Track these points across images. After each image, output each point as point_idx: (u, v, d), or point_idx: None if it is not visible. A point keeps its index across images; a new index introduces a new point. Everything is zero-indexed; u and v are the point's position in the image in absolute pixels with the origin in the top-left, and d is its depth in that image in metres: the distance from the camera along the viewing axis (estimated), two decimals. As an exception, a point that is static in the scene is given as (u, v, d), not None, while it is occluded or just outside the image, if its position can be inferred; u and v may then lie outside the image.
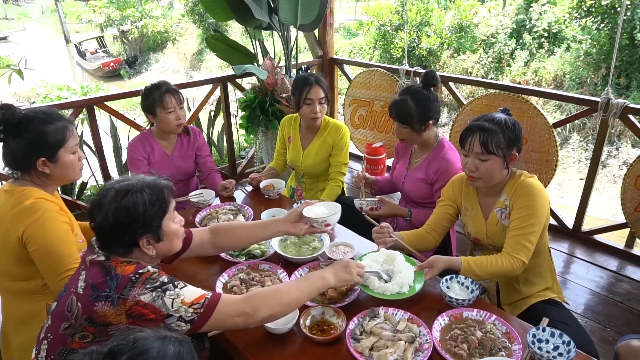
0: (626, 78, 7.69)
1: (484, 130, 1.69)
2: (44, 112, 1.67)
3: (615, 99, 2.67)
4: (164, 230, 1.33)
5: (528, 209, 1.69)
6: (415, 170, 2.33)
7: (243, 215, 2.22)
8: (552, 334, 1.40)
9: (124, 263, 1.27)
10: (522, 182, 1.75)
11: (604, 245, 2.94)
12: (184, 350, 0.98)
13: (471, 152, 1.73)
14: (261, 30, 3.74)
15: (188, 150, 2.64)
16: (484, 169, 1.72)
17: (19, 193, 1.62)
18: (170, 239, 1.37)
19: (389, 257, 1.73)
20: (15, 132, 1.61)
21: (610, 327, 2.29)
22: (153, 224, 1.30)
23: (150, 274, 1.24)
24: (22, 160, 1.64)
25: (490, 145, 1.68)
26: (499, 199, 1.82)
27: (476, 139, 1.70)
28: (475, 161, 1.73)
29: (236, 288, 1.67)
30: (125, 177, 1.35)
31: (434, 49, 9.98)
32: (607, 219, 6.04)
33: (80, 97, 8.82)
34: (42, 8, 31.51)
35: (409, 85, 2.82)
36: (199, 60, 16.06)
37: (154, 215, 1.30)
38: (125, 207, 1.25)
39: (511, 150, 1.72)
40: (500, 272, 1.69)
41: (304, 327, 1.46)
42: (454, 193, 1.96)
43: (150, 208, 1.28)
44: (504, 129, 1.69)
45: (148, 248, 1.31)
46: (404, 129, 2.21)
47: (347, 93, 4.17)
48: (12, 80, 4.08)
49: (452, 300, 1.57)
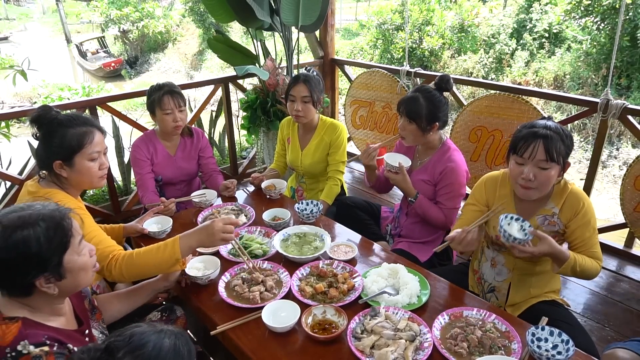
0: (627, 78, 7.70)
1: (547, 137, 1.62)
2: (68, 116, 1.70)
3: (614, 100, 2.68)
4: (66, 267, 1.16)
5: (590, 223, 1.73)
6: (419, 171, 2.33)
7: (245, 215, 2.24)
8: (551, 332, 1.42)
9: (6, 321, 1.10)
10: (573, 192, 1.74)
11: (603, 245, 2.91)
12: (180, 343, 0.99)
13: (531, 159, 1.65)
14: (262, 31, 3.75)
15: (191, 152, 2.66)
16: (543, 178, 1.65)
17: (42, 196, 1.66)
18: (75, 275, 1.19)
19: (393, 270, 1.74)
20: (43, 133, 1.67)
21: (609, 327, 2.30)
22: (51, 263, 1.12)
23: (28, 359, 1.05)
24: (44, 160, 1.69)
25: (554, 152, 1.62)
26: (544, 207, 1.78)
27: (540, 146, 1.62)
28: (534, 169, 1.65)
29: (238, 287, 1.68)
30: (17, 206, 1.17)
31: (435, 50, 9.99)
32: (608, 219, 6.05)
33: (82, 97, 8.85)
34: (43, 8, 31.55)
35: (421, 84, 2.82)
36: (200, 61, 16.09)
37: (51, 254, 1.12)
38: (14, 246, 1.07)
39: (567, 159, 1.68)
40: (590, 274, 1.71)
41: (306, 326, 1.47)
42: (487, 194, 1.93)
43: (46, 245, 1.10)
44: (563, 137, 1.65)
45: (48, 287, 1.14)
46: (410, 125, 2.19)
47: (347, 94, 4.18)
48: (15, 81, 4.10)
49: (505, 234, 1.59)
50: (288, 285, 1.70)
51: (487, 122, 3.19)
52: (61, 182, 1.71)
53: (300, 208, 2.20)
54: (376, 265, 1.82)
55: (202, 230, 1.57)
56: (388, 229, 2.53)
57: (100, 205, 3.40)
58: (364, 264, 1.89)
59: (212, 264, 1.80)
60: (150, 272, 1.66)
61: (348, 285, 1.68)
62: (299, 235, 2.05)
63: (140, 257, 1.61)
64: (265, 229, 2.11)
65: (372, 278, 1.71)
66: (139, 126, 3.38)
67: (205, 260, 1.83)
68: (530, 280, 1.85)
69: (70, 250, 1.17)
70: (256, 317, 1.54)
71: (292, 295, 1.66)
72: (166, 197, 2.43)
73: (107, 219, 3.29)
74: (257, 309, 1.57)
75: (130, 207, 3.46)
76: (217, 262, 1.79)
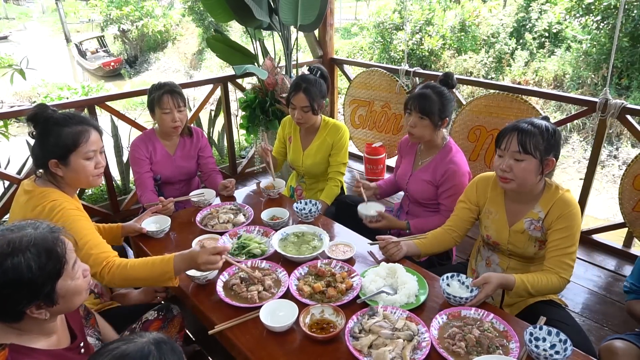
0: (627, 78, 7.69)
1: (522, 130, 1.65)
2: (64, 115, 1.70)
3: (613, 100, 2.68)
4: (59, 293, 1.11)
5: (570, 229, 1.68)
6: (421, 171, 2.32)
7: (243, 215, 2.24)
8: (549, 332, 1.42)
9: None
10: (562, 199, 1.71)
11: (602, 245, 2.95)
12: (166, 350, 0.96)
13: (507, 151, 1.68)
14: (261, 30, 3.75)
15: (190, 151, 2.65)
16: (519, 170, 1.67)
17: (38, 195, 1.65)
18: (68, 299, 1.14)
19: (391, 270, 1.74)
20: (39, 131, 1.67)
21: (607, 326, 2.30)
22: (43, 291, 1.07)
23: None
24: (40, 159, 1.69)
25: (528, 144, 1.63)
26: (531, 210, 1.78)
27: (514, 138, 1.65)
28: (510, 161, 1.68)
29: (236, 287, 1.68)
30: (10, 226, 1.10)
31: (435, 49, 9.99)
32: (607, 219, 6.05)
33: (82, 97, 8.84)
34: (42, 7, 31.54)
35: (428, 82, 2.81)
36: (200, 60, 16.09)
37: (44, 281, 1.06)
38: (3, 274, 1.02)
39: (548, 156, 1.67)
40: (549, 291, 1.70)
41: (304, 325, 1.47)
42: (478, 194, 1.93)
43: (38, 273, 1.05)
44: (543, 132, 1.65)
45: (39, 313, 1.09)
46: (423, 121, 2.15)
47: (347, 93, 4.18)
48: (14, 79, 4.10)
49: (450, 297, 1.59)
50: (286, 284, 1.69)
51: (486, 121, 3.19)
52: (57, 181, 1.71)
53: (299, 207, 2.20)
54: (374, 265, 1.82)
55: (191, 257, 1.57)
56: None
57: (99, 205, 3.40)
58: (363, 263, 1.89)
59: None
60: (142, 284, 1.73)
61: (346, 284, 1.68)
62: (298, 235, 2.04)
63: (134, 269, 1.61)
64: (263, 228, 2.11)
65: (370, 277, 1.71)
66: (137, 125, 3.38)
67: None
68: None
69: (64, 276, 1.11)
70: (254, 317, 1.54)
71: (290, 294, 1.65)
72: (165, 197, 2.43)
73: (105, 219, 3.29)
74: (255, 308, 1.57)
75: (129, 207, 3.46)
76: None
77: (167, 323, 1.73)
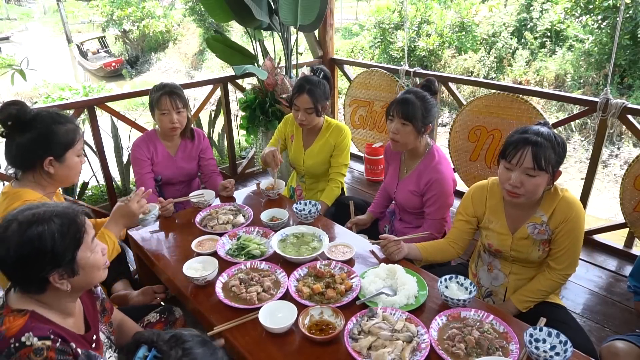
0: (630, 78, 7.66)
1: (536, 144, 1.58)
2: (57, 113, 1.72)
3: (614, 99, 2.67)
4: (79, 263, 1.19)
5: (577, 230, 1.70)
6: (405, 181, 2.30)
7: (243, 215, 2.23)
8: (549, 333, 1.41)
9: (14, 313, 1.13)
10: (564, 200, 1.70)
11: (603, 245, 2.94)
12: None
13: (519, 166, 1.61)
14: (261, 30, 3.75)
15: (192, 152, 2.65)
16: (531, 186, 1.62)
17: (12, 195, 1.66)
18: (88, 271, 1.22)
19: (390, 271, 1.74)
20: (27, 129, 1.65)
21: (608, 327, 2.29)
22: (64, 258, 1.15)
23: (30, 350, 1.06)
24: (29, 157, 1.68)
25: (542, 161, 1.58)
26: (533, 214, 1.75)
27: (528, 153, 1.59)
28: (522, 176, 1.62)
29: (235, 288, 1.68)
30: (32, 204, 1.19)
31: (435, 49, 9.97)
32: (609, 219, 6.04)
33: (82, 97, 8.86)
34: (44, 8, 31.57)
35: (410, 87, 2.81)
36: (200, 60, 16.10)
37: (65, 249, 1.15)
38: (29, 241, 1.10)
39: (558, 168, 1.64)
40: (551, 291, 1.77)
41: (303, 327, 1.47)
42: (475, 206, 1.91)
43: (60, 241, 1.13)
44: (555, 145, 1.61)
45: (61, 283, 1.17)
46: (405, 127, 2.12)
47: (347, 93, 4.18)
48: (15, 80, 4.11)
49: (448, 299, 1.58)
50: (285, 285, 1.69)
51: (487, 121, 3.18)
52: (43, 179, 1.71)
53: (299, 208, 2.20)
54: (374, 266, 1.81)
55: (120, 214, 1.77)
56: (386, 229, 2.53)
57: (99, 205, 3.40)
58: (362, 264, 1.89)
59: (210, 264, 1.80)
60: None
61: (346, 285, 1.68)
62: (297, 236, 2.04)
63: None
64: (263, 229, 2.11)
65: (369, 279, 1.71)
66: (137, 126, 3.38)
67: (203, 261, 1.82)
68: (527, 285, 1.84)
69: (83, 247, 1.20)
70: (253, 318, 1.54)
71: (289, 295, 1.65)
72: (165, 197, 2.43)
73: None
74: (254, 309, 1.57)
75: (129, 207, 3.45)
76: (215, 263, 1.79)
77: (169, 325, 1.73)
